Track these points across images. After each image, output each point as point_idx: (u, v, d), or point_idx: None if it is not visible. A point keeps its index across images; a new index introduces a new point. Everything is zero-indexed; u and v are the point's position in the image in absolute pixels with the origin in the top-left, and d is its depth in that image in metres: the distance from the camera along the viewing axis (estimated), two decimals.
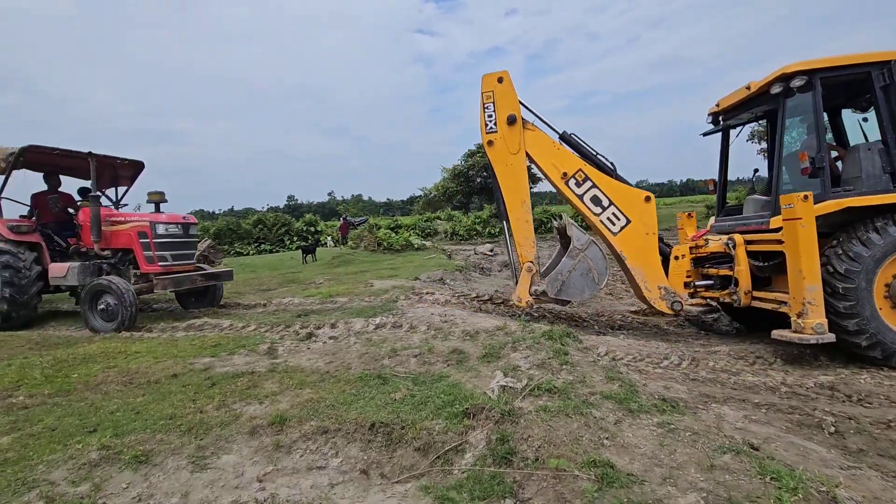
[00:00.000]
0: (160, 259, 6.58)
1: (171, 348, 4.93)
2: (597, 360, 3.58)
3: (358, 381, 3.57)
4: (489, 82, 5.76)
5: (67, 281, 6.49)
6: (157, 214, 6.82)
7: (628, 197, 5.66)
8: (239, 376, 3.82)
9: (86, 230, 6.77)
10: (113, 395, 3.59)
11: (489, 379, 3.41)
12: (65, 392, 3.71)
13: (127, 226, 6.62)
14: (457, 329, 4.67)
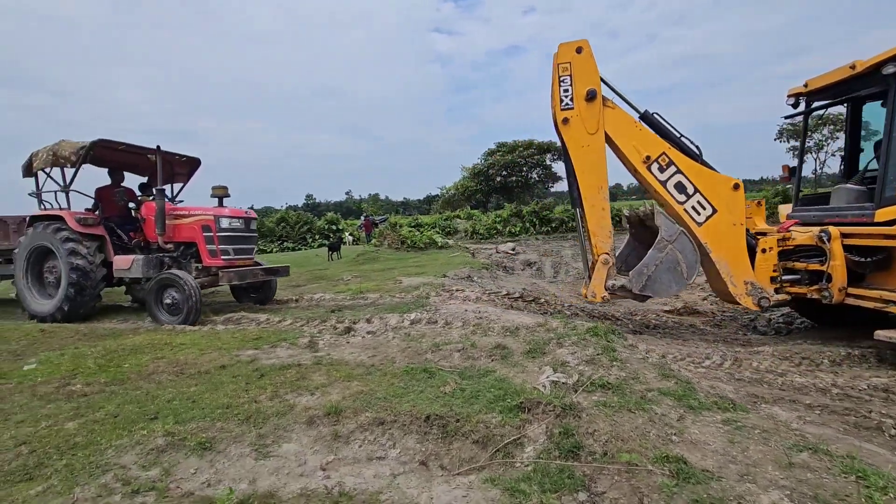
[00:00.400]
0: (223, 253, 6.61)
1: (214, 340, 5.03)
2: (646, 358, 3.53)
3: (404, 375, 3.59)
4: (566, 52, 5.21)
5: (132, 273, 6.56)
6: (220, 209, 6.82)
7: (715, 184, 5.23)
8: (286, 368, 3.88)
9: (149, 224, 6.87)
10: (166, 384, 3.68)
11: (537, 374, 3.40)
12: (119, 381, 3.81)
13: (190, 220, 6.69)
14: (496, 325, 4.66)
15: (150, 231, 6.87)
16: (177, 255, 6.80)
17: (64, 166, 6.83)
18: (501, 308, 6.56)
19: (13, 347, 5.12)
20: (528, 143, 33.43)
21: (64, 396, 3.50)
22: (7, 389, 3.72)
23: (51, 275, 6.83)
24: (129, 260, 6.55)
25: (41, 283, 7.00)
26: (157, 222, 6.54)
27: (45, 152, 6.90)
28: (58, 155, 6.70)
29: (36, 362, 4.45)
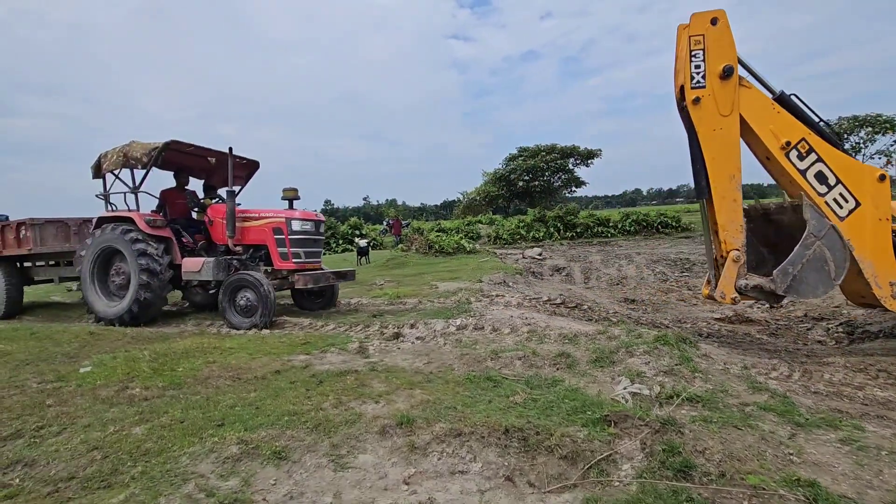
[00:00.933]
0: (294, 256, 6.43)
1: (262, 345, 4.99)
2: (727, 369, 3.33)
3: (467, 383, 3.47)
4: (700, 23, 4.69)
5: (202, 276, 6.40)
6: (291, 211, 6.64)
7: (858, 174, 4.76)
8: (343, 374, 3.79)
9: (216, 226, 6.78)
10: (224, 389, 3.62)
11: (610, 384, 3.24)
12: (177, 385, 3.78)
13: (261, 222, 6.55)
14: (552, 332, 4.50)
15: (218, 233, 6.76)
16: (245, 258, 6.65)
17: (134, 167, 6.73)
18: (546, 314, 6.39)
19: (66, 350, 5.17)
20: (550, 147, 33.10)
21: (125, 400, 3.47)
22: (69, 392, 3.71)
23: (118, 277, 6.72)
24: (199, 262, 6.39)
25: (107, 285, 6.89)
26: (228, 225, 6.42)
27: (116, 154, 6.79)
28: (128, 156, 6.61)
29: (91, 365, 4.46)
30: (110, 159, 6.85)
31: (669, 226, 25.52)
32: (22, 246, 7.75)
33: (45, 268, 8.59)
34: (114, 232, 6.52)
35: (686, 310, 7.95)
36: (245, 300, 5.99)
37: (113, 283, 6.81)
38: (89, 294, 6.82)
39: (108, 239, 6.61)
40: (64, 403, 3.47)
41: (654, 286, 11.44)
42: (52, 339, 5.77)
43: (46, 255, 8.05)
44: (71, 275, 8.02)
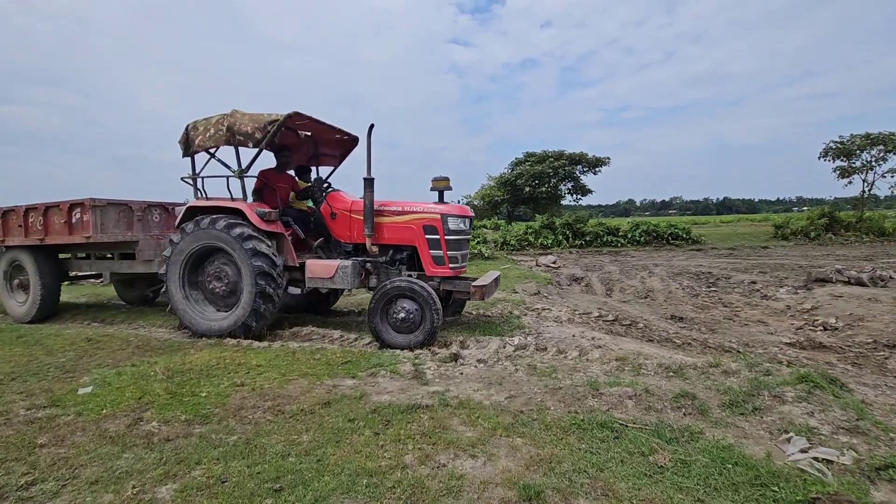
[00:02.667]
0: (451, 260, 5.18)
1: (293, 363, 4.24)
2: None
3: (577, 430, 2.75)
4: None
5: (335, 283, 5.16)
6: (446, 205, 5.36)
7: None
8: (412, 411, 3.05)
9: (341, 220, 5.53)
10: (266, 427, 2.87)
11: (771, 441, 2.53)
12: (203, 418, 3.02)
13: (408, 217, 5.25)
14: (647, 362, 3.80)
15: (341, 229, 5.55)
16: (384, 261, 5.41)
17: (242, 144, 5.27)
18: (605, 333, 5.69)
19: (60, 360, 4.38)
20: (558, 153, 32.54)
21: (141, 440, 2.71)
22: (65, 424, 2.94)
23: (219, 282, 5.40)
24: (331, 266, 5.15)
25: (198, 290, 5.60)
26: (366, 220, 5.17)
27: (213, 126, 5.36)
28: (234, 130, 5.20)
29: (92, 384, 3.68)
30: (205, 133, 5.42)
31: (679, 237, 25.03)
32: (75, 232, 6.32)
33: (90, 261, 7.04)
34: (215, 226, 5.17)
35: (743, 330, 7.29)
36: (405, 313, 4.78)
37: (211, 289, 5.47)
38: (181, 303, 5.46)
39: (207, 235, 5.23)
40: (61, 443, 2.70)
41: (686, 301, 10.81)
42: (42, 344, 4.98)
43: (94, 245, 6.60)
44: (126, 271, 6.70)
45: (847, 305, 8.24)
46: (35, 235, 6.66)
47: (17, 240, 6.82)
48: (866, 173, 26.70)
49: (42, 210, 6.53)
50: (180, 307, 5.46)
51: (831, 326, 7.33)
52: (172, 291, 5.46)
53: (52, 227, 6.53)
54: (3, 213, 6.88)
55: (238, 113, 5.25)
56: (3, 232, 6.93)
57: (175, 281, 5.45)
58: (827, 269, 10.72)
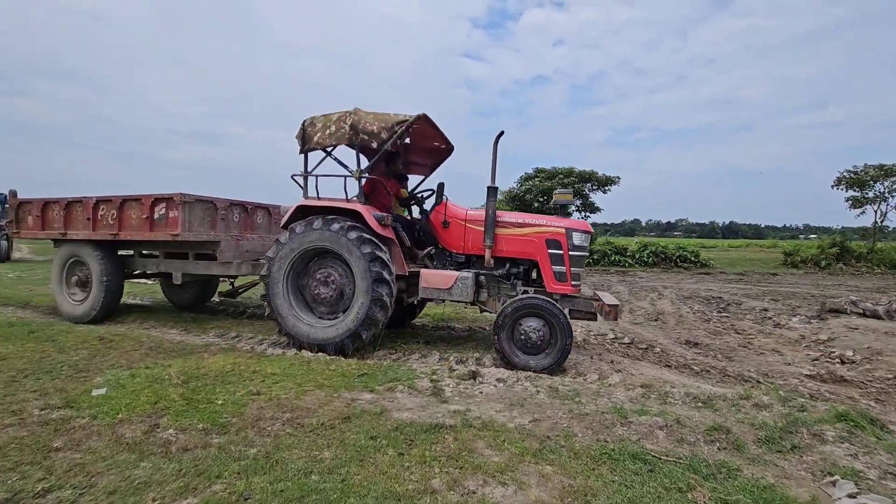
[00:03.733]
0: (573, 277, 4.99)
1: (308, 372, 4.16)
2: None
3: (607, 460, 2.65)
4: None
5: (453, 295, 4.88)
6: (571, 220, 5.21)
7: None
8: (435, 431, 2.96)
9: (455, 229, 5.24)
10: (286, 441, 2.78)
11: (814, 482, 2.43)
12: (221, 427, 2.94)
13: (530, 230, 5.04)
14: (674, 390, 3.70)
15: (453, 238, 5.27)
16: (499, 275, 5.15)
17: (367, 144, 5.00)
18: (623, 357, 5.58)
19: (73, 359, 4.32)
20: (568, 170, 32.52)
21: (159, 448, 2.63)
22: (80, 427, 2.87)
23: (325, 288, 5.07)
24: (450, 277, 4.90)
25: (297, 295, 5.25)
26: (487, 231, 4.98)
27: (335, 123, 5.09)
28: (360, 129, 4.96)
29: (106, 385, 3.61)
30: (325, 130, 5.11)
31: (688, 260, 24.87)
32: (158, 229, 5.84)
33: (157, 260, 6.52)
34: (329, 228, 4.88)
35: (760, 359, 7.15)
36: (535, 333, 4.52)
37: (316, 294, 5.12)
38: (283, 308, 5.08)
39: (319, 237, 4.91)
40: (77, 447, 2.62)
41: (698, 326, 10.67)
42: (54, 341, 4.92)
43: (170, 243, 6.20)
44: (201, 272, 6.24)
45: (864, 338, 8.08)
46: (106, 230, 6.19)
47: (82, 233, 6.34)
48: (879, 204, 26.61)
49: (117, 203, 6.09)
50: (282, 312, 5.07)
51: (849, 359, 7.18)
52: (275, 295, 5.09)
53: (129, 221, 6.06)
54: (68, 204, 6.44)
55: (361, 111, 5.05)
56: (66, 224, 6.46)
57: (279, 284, 5.09)
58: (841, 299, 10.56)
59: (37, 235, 6.77)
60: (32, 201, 6.71)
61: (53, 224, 6.57)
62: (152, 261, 6.58)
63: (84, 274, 6.53)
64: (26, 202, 6.81)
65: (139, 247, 6.62)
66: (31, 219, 6.74)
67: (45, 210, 6.63)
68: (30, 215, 6.76)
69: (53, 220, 6.57)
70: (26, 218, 6.81)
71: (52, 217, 6.58)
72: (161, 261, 6.47)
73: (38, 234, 6.73)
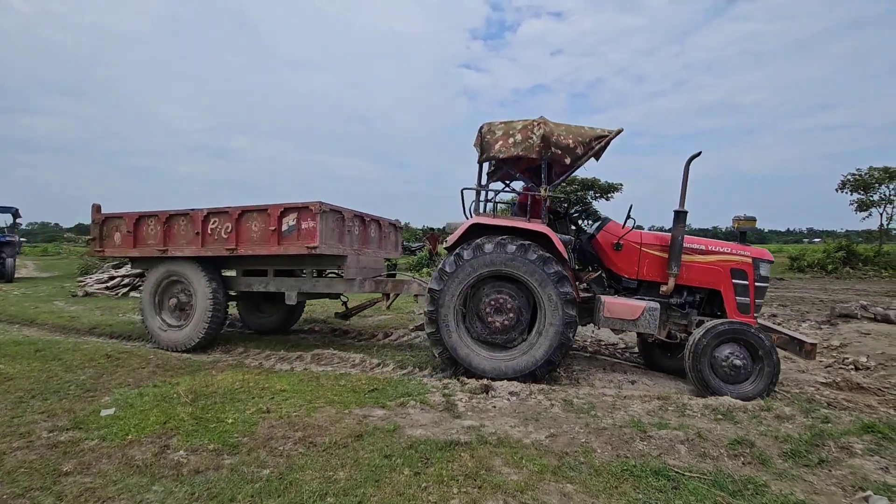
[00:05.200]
0: (757, 309, 4.74)
1: (317, 388, 4.10)
2: None
3: (629, 478, 2.57)
4: None
5: (638, 326, 4.53)
6: (756, 249, 4.86)
7: None
8: (450, 448, 2.89)
9: (628, 252, 4.84)
10: (299, 461, 2.72)
11: (845, 498, 2.35)
12: (232, 448, 2.88)
13: (713, 258, 4.74)
14: (692, 402, 3.62)
15: (625, 262, 4.87)
16: (675, 303, 4.77)
17: (558, 159, 4.63)
18: (636, 367, 5.50)
19: (80, 378, 4.27)
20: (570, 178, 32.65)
21: (170, 471, 2.57)
22: (90, 449, 2.81)
23: (499, 314, 4.59)
24: (637, 307, 4.51)
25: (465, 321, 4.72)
26: (674, 257, 4.61)
27: (523, 133, 4.63)
28: (552, 142, 4.54)
29: (114, 405, 3.56)
30: (508, 139, 4.67)
31: None
32: (288, 242, 5.28)
33: (265, 278, 5.85)
34: (513, 250, 4.43)
35: None
36: (738, 359, 4.22)
37: (488, 322, 4.63)
38: (455, 337, 4.57)
39: (502, 259, 4.45)
40: (87, 470, 2.57)
41: None
42: (60, 360, 4.88)
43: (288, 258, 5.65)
44: (321, 290, 5.77)
45: (877, 344, 7.95)
46: (219, 245, 5.57)
47: (188, 249, 5.69)
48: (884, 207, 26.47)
49: (234, 215, 5.48)
50: (452, 341, 4.55)
51: (863, 365, 7.06)
52: (445, 323, 4.54)
53: (248, 234, 5.47)
54: (169, 218, 5.83)
55: (550, 122, 4.67)
56: (166, 239, 5.83)
57: (451, 309, 4.54)
58: (851, 304, 10.44)
59: (127, 253, 6.13)
60: (123, 216, 6.04)
61: (149, 240, 5.93)
62: (259, 279, 5.88)
63: (184, 296, 5.87)
64: (114, 217, 6.14)
65: (250, 263, 5.93)
66: (119, 235, 6.08)
67: (138, 225, 5.97)
68: (117, 231, 6.11)
69: (149, 235, 5.93)
70: (112, 234, 6.14)
71: (148, 232, 5.93)
72: (271, 279, 5.80)
73: (128, 251, 6.06)
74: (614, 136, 4.57)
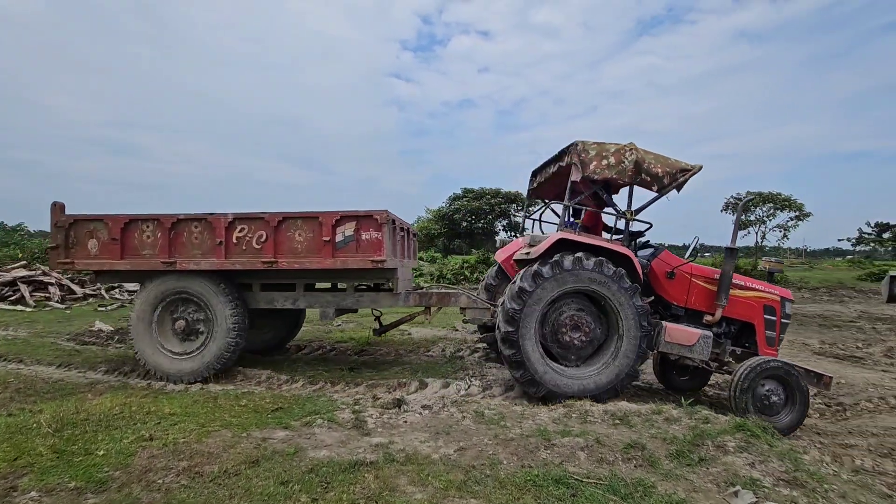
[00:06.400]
0: (779, 343, 5.03)
1: (214, 410, 3.76)
2: (837, 473, 2.81)
3: (532, 488, 2.61)
4: None
5: (693, 352, 4.59)
6: (782, 289, 5.19)
7: None
8: (353, 470, 2.76)
9: (680, 283, 4.96)
10: (178, 494, 2.44)
11: (719, 495, 2.56)
12: (98, 485, 2.52)
13: (751, 294, 5.02)
14: (593, 408, 3.79)
15: (677, 291, 4.99)
16: (715, 333, 4.91)
17: (646, 186, 4.64)
18: None
19: None
20: (495, 191, 33.73)
21: None
22: None
23: (577, 331, 4.53)
24: (694, 335, 4.61)
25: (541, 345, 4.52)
26: (723, 290, 4.79)
27: (616, 157, 4.56)
28: (644, 169, 4.56)
29: None
30: (602, 160, 4.60)
31: None
32: (345, 254, 4.76)
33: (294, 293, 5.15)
34: (592, 266, 4.34)
35: None
36: (776, 397, 4.34)
37: (565, 341, 4.54)
38: (535, 355, 4.35)
39: (585, 276, 4.35)
40: None
41: None
42: None
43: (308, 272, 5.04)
44: (367, 306, 5.29)
45: None
46: (252, 257, 4.81)
47: (207, 262, 4.81)
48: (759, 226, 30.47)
49: (273, 222, 4.78)
50: (532, 359, 4.33)
51: None
52: (526, 340, 4.33)
53: (290, 245, 4.81)
54: (176, 223, 4.87)
55: (640, 149, 4.70)
56: (172, 249, 4.86)
57: (530, 328, 4.35)
58: None
59: (111, 266, 4.90)
60: (103, 219, 4.89)
61: (144, 250, 4.89)
62: (283, 295, 5.15)
63: (193, 317, 5.01)
64: (87, 220, 4.94)
65: (274, 277, 5.13)
66: (97, 243, 4.91)
67: (128, 231, 4.88)
68: (92, 238, 4.92)
69: (144, 244, 4.89)
70: (84, 242, 4.93)
71: (142, 241, 4.89)
72: (300, 294, 5.13)
73: (112, 263, 4.88)
74: (696, 171, 4.73)
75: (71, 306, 10.78)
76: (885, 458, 3.67)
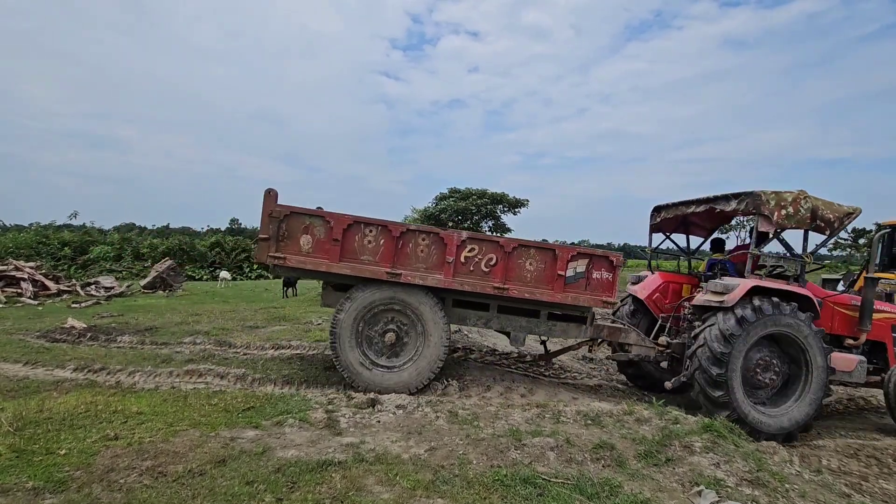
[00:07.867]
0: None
1: (184, 409, 3.70)
2: (800, 473, 2.87)
3: (500, 488, 2.62)
4: None
5: (852, 377, 5.07)
6: None
7: None
8: (320, 470, 2.74)
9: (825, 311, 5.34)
10: (139, 494, 2.39)
11: (684, 494, 2.60)
12: (57, 485, 2.46)
13: (882, 316, 5.54)
14: (566, 409, 3.83)
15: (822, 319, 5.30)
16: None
17: (819, 231, 5.07)
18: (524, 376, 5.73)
19: None
20: (481, 192, 33.81)
21: None
22: None
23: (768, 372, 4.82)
24: (853, 361, 5.08)
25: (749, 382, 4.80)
26: (866, 316, 5.27)
27: (794, 206, 4.88)
28: (819, 216, 4.98)
29: None
30: (781, 210, 4.86)
31: None
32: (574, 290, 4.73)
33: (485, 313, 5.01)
34: (788, 311, 4.69)
35: None
36: None
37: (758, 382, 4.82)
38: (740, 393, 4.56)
39: (783, 323, 4.66)
40: None
41: None
42: None
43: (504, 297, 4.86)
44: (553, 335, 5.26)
45: None
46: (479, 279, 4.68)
47: (433, 278, 4.63)
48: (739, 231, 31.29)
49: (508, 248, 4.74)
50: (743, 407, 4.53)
51: None
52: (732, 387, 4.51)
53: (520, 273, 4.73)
54: (404, 233, 4.64)
55: (811, 196, 5.03)
56: (396, 259, 4.62)
57: (735, 370, 4.54)
58: None
59: (329, 268, 4.56)
60: (325, 216, 4.58)
61: (364, 255, 4.62)
62: (476, 314, 5.03)
63: (402, 329, 4.83)
64: (305, 214, 4.60)
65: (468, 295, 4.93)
66: (311, 240, 4.59)
67: (349, 233, 4.58)
68: (307, 234, 4.59)
69: (364, 249, 4.63)
70: (297, 237, 4.58)
71: (363, 245, 4.63)
72: (494, 315, 5.01)
73: (329, 265, 4.56)
74: (858, 215, 5.24)
75: (44, 302, 10.53)
76: None
